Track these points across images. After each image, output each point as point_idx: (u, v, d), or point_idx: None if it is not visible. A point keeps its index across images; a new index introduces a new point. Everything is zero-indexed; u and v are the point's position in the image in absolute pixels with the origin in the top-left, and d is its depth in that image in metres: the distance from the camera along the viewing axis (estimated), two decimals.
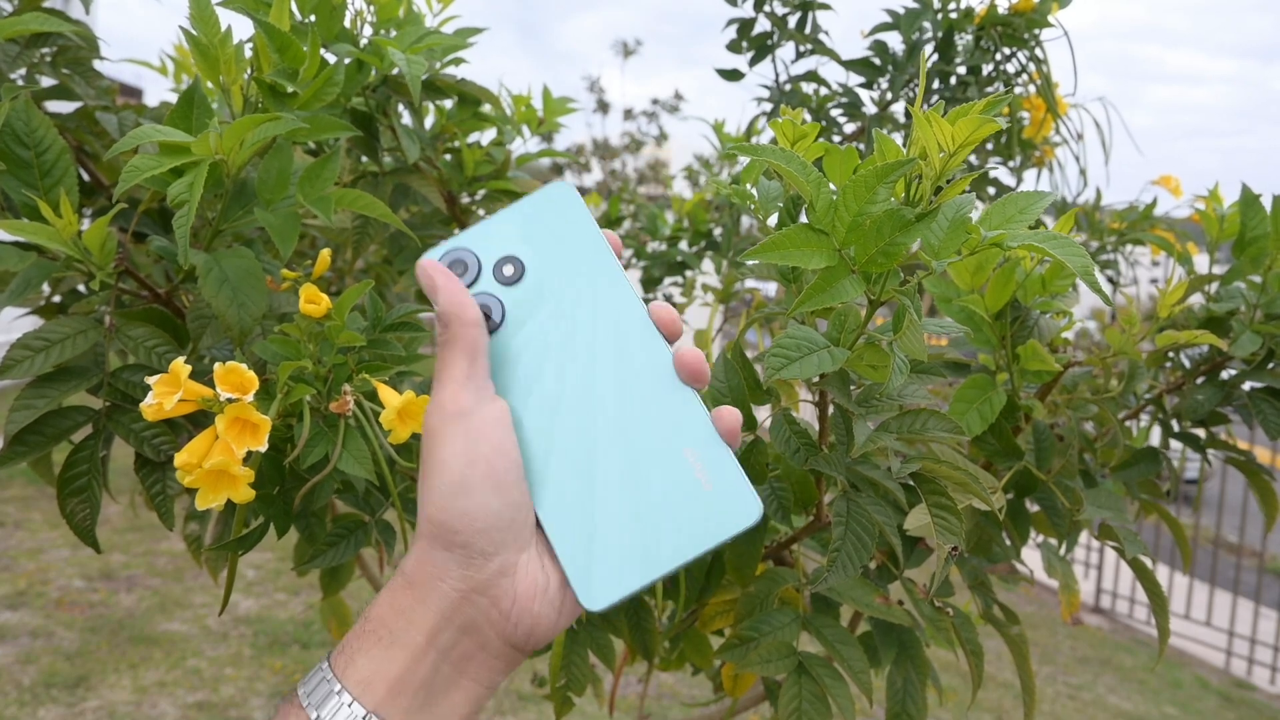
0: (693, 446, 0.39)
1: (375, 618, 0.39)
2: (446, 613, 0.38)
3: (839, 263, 0.45)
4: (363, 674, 0.38)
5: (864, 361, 0.52)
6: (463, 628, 0.38)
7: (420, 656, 0.38)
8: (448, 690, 0.39)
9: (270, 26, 0.63)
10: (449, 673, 0.39)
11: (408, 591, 0.39)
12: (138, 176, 0.55)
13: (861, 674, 0.70)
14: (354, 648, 0.39)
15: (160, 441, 0.64)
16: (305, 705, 0.38)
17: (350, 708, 0.37)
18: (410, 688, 0.38)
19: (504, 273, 0.42)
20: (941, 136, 0.41)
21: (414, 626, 0.38)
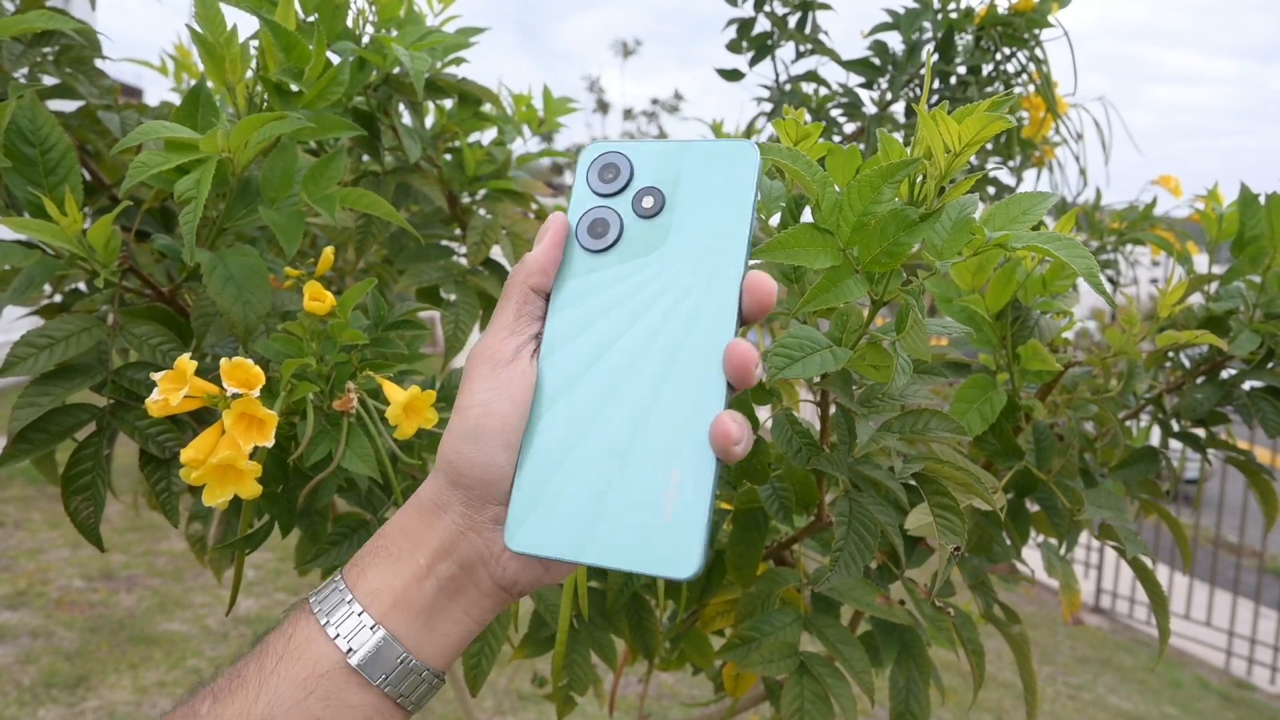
0: (681, 469, 0.37)
1: (387, 535, 0.41)
2: (447, 542, 0.40)
3: (843, 262, 0.45)
4: (372, 585, 0.40)
5: (866, 361, 0.52)
6: (459, 561, 0.40)
7: (422, 577, 0.40)
8: (443, 615, 0.40)
9: (277, 25, 0.64)
10: (444, 601, 0.40)
11: (418, 516, 0.41)
12: (144, 173, 0.55)
13: (863, 674, 0.70)
14: (366, 562, 0.41)
15: (165, 438, 0.64)
16: (315, 612, 0.39)
17: (360, 616, 0.39)
18: (412, 606, 0.40)
19: (642, 202, 0.40)
20: (948, 135, 0.41)
21: (418, 549, 0.40)
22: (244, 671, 0.39)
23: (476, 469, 0.39)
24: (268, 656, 0.39)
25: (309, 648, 0.39)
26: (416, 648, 0.40)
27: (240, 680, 0.39)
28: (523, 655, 0.80)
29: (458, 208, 1.00)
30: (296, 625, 0.40)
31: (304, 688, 0.38)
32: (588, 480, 0.38)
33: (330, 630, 0.39)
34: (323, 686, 0.38)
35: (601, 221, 0.40)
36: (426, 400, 0.63)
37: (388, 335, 0.67)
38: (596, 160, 0.42)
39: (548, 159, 1.16)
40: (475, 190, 1.00)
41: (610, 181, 0.41)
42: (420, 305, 0.73)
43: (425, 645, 0.40)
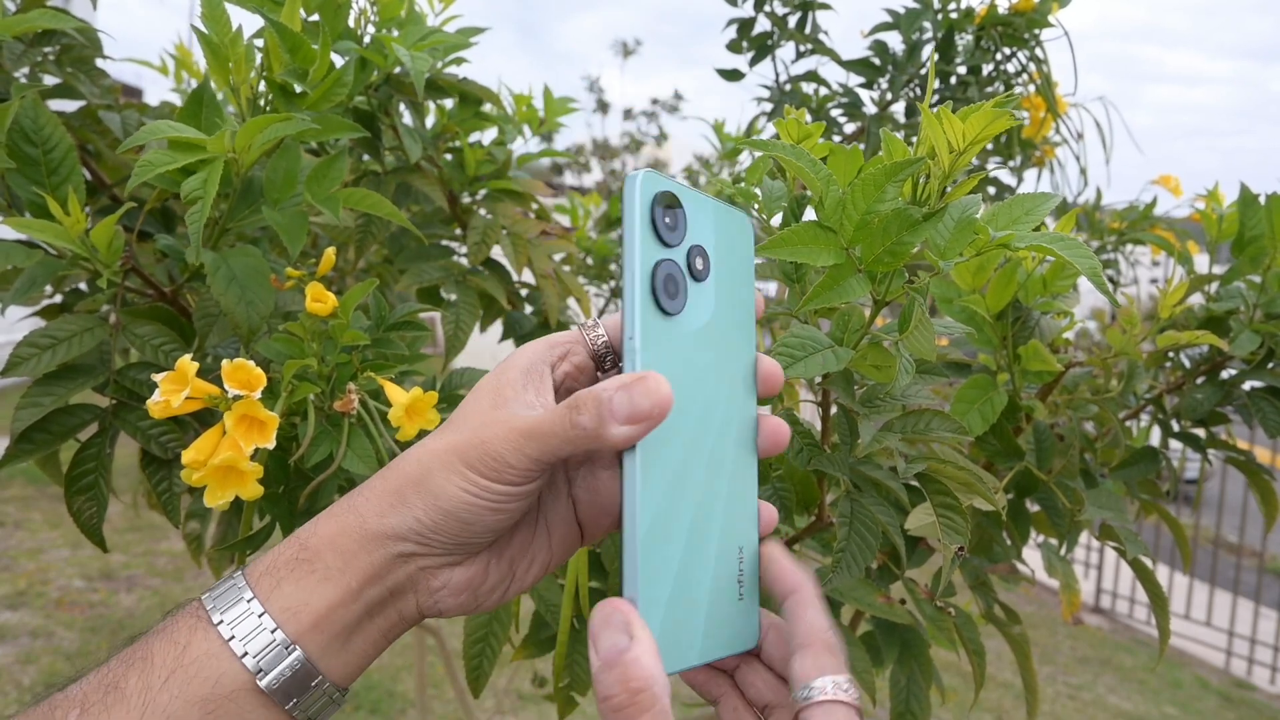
0: (744, 546, 0.37)
1: (312, 549, 0.37)
2: (383, 569, 0.37)
3: (845, 261, 0.45)
4: (288, 601, 0.36)
5: (868, 362, 0.52)
6: (392, 586, 0.38)
7: (349, 600, 0.37)
8: (360, 636, 0.38)
9: (282, 26, 0.64)
10: (365, 622, 0.38)
11: (358, 540, 0.37)
12: (150, 172, 0.55)
13: (865, 673, 0.70)
14: (281, 573, 0.37)
15: (167, 439, 0.64)
16: (218, 623, 0.36)
17: (273, 634, 0.36)
18: (333, 626, 0.37)
19: (695, 262, 0.36)
20: (951, 135, 0.41)
21: (350, 570, 0.37)
22: (122, 683, 0.35)
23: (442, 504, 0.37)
24: (154, 669, 0.35)
25: (209, 664, 0.35)
26: (329, 668, 0.37)
27: (118, 694, 0.35)
28: (524, 656, 0.80)
29: (458, 207, 1.00)
30: (193, 636, 0.36)
31: (201, 707, 0.35)
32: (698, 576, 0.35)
33: (236, 646, 0.35)
34: (224, 708, 0.35)
35: (673, 279, 0.35)
36: (428, 402, 0.63)
37: (389, 336, 0.67)
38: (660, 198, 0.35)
39: (548, 159, 1.16)
40: (476, 190, 1.00)
41: (673, 231, 0.35)
42: (421, 306, 0.73)
43: (338, 665, 0.37)
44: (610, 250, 1.61)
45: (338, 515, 0.38)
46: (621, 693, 0.30)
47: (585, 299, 1.03)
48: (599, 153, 11.01)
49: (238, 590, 0.37)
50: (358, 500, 0.38)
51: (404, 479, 0.37)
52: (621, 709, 0.30)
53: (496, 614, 0.76)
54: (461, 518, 0.37)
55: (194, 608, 0.37)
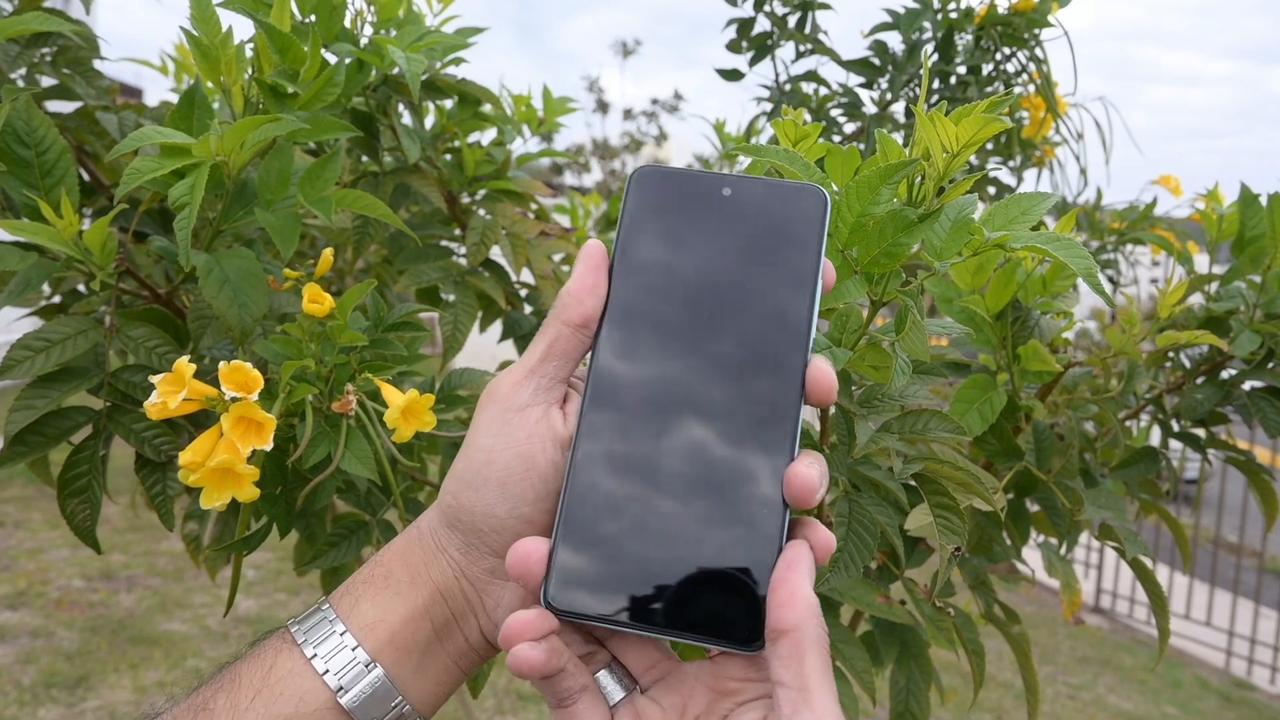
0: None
1: (384, 564, 0.38)
2: (444, 585, 0.38)
3: (842, 264, 0.45)
4: (367, 618, 0.37)
5: (866, 362, 0.52)
6: (454, 608, 0.38)
7: (419, 617, 0.37)
8: (434, 660, 0.38)
9: (271, 27, 0.63)
10: (436, 645, 0.38)
11: (419, 550, 0.38)
12: (139, 179, 0.55)
13: (864, 673, 0.70)
14: (359, 591, 0.38)
15: (161, 441, 0.64)
16: (301, 643, 0.36)
17: (354, 651, 0.36)
18: (407, 644, 0.37)
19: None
20: (945, 136, 0.41)
21: (418, 584, 0.37)
22: (211, 704, 0.35)
23: (474, 518, 0.37)
24: (241, 690, 0.35)
25: (292, 682, 0.35)
26: (408, 690, 0.37)
27: (207, 714, 0.35)
28: None
29: (457, 208, 1.00)
30: (277, 656, 0.36)
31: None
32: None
33: (318, 664, 0.36)
34: None
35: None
36: (425, 404, 0.63)
37: (387, 337, 0.67)
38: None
39: (547, 159, 1.16)
40: (475, 190, 1.00)
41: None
42: (420, 307, 0.73)
43: (416, 689, 0.37)
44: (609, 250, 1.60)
45: (405, 536, 0.39)
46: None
47: None
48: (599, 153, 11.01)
49: (321, 612, 0.38)
50: (419, 520, 0.39)
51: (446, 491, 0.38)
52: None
53: None
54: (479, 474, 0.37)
55: (281, 632, 0.38)
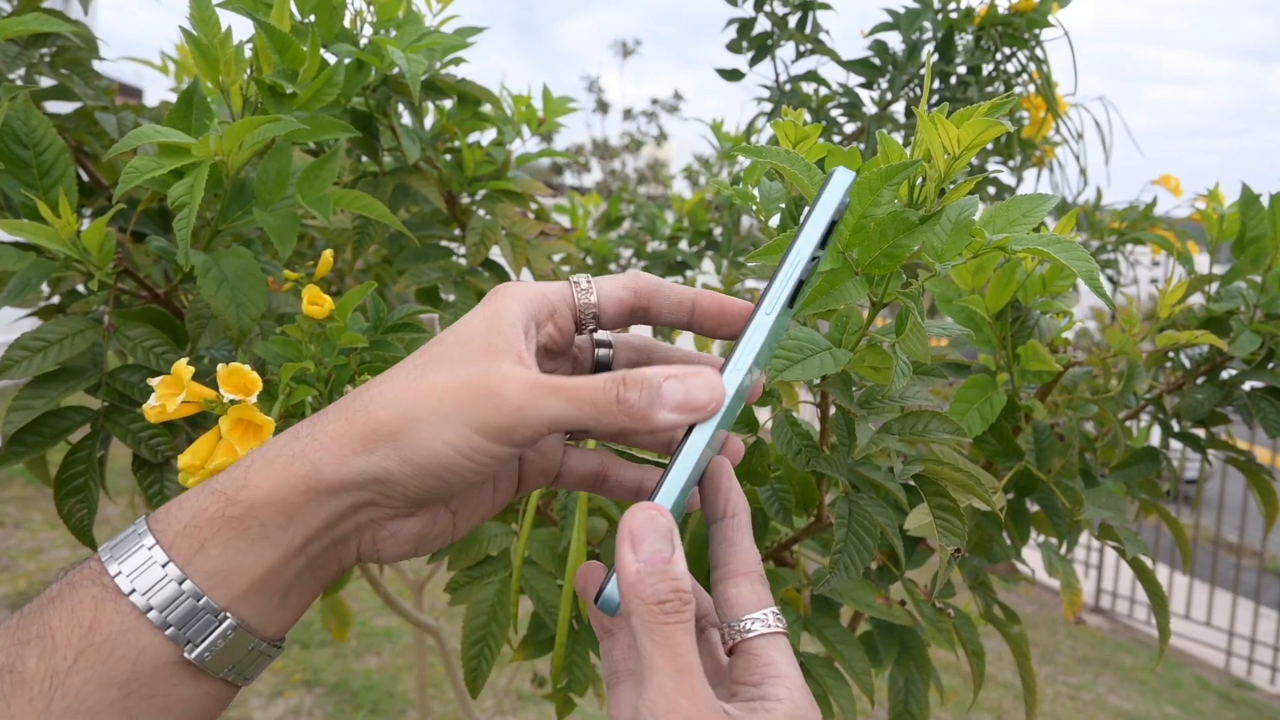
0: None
1: (245, 504, 0.32)
2: (333, 520, 0.34)
3: (843, 265, 0.45)
4: (217, 565, 0.32)
5: (866, 363, 0.52)
6: (337, 538, 0.35)
7: (291, 558, 0.33)
8: (298, 591, 0.35)
9: (270, 27, 0.63)
10: (306, 575, 0.35)
11: (305, 492, 0.33)
12: (138, 178, 0.55)
13: (863, 674, 0.70)
14: (204, 532, 0.32)
15: (158, 442, 0.63)
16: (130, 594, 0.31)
17: (199, 601, 0.32)
18: (270, 588, 0.33)
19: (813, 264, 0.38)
20: (946, 139, 0.41)
21: (294, 525, 0.33)
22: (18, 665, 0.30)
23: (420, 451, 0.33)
24: (57, 649, 0.30)
25: (125, 641, 0.31)
26: (263, 628, 0.34)
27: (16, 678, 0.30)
28: (522, 657, 0.80)
29: (457, 208, 1.00)
30: (100, 610, 0.31)
31: (122, 688, 0.31)
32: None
33: (155, 617, 0.31)
34: (147, 685, 0.31)
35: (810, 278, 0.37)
36: None
37: (387, 338, 0.67)
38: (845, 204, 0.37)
39: (547, 159, 1.16)
40: (474, 190, 1.00)
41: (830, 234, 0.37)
42: (420, 308, 0.73)
43: (272, 623, 0.34)
44: (609, 250, 1.61)
45: (279, 463, 0.33)
46: (673, 597, 0.32)
47: None
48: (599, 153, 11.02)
49: (148, 553, 0.32)
50: (308, 446, 0.33)
51: (376, 425, 0.33)
52: (673, 612, 0.31)
53: (495, 615, 0.75)
54: (440, 476, 0.33)
55: (93, 572, 0.32)
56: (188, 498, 0.33)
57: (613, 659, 0.37)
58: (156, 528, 0.33)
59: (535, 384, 0.33)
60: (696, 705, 0.30)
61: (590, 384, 0.34)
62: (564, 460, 0.41)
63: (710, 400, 0.34)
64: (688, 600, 0.32)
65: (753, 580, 0.35)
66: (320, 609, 1.30)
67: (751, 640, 0.34)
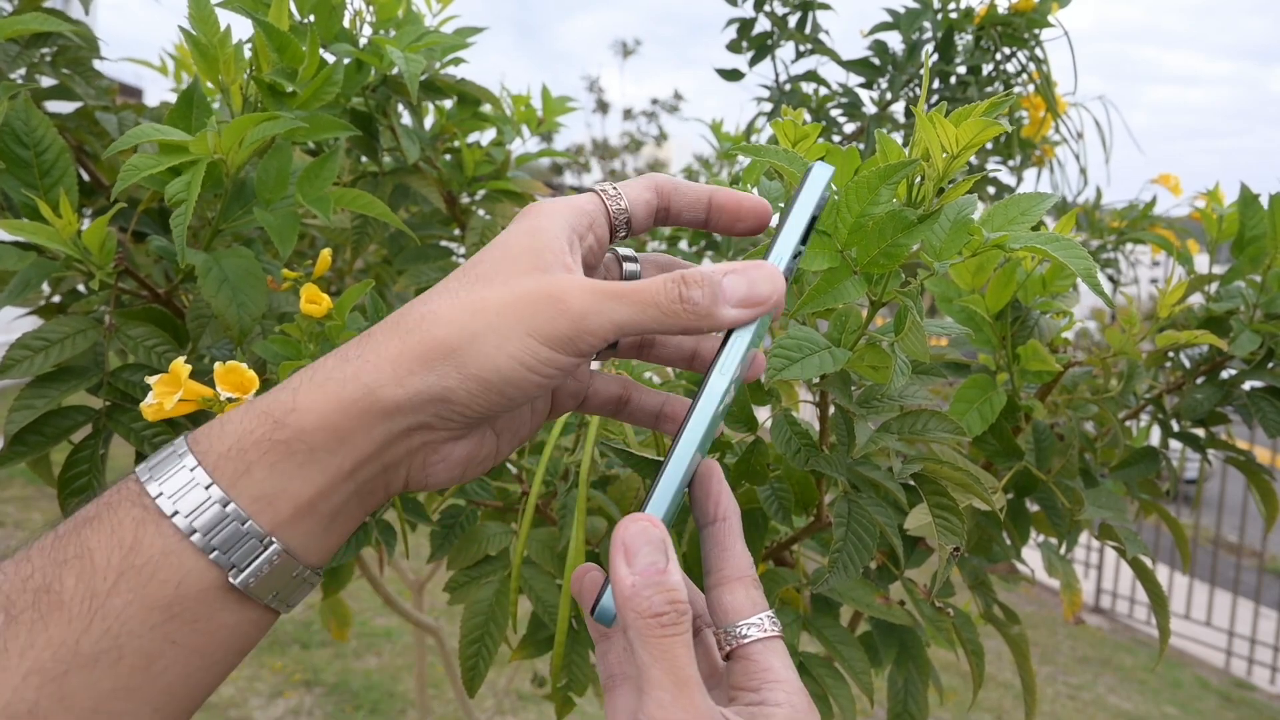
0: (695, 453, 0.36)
1: (294, 428, 0.31)
2: (384, 444, 0.32)
3: (841, 264, 0.45)
4: (262, 488, 0.31)
5: (865, 362, 0.52)
6: (387, 464, 0.33)
7: (341, 481, 0.32)
8: (344, 518, 0.34)
9: (269, 26, 0.63)
10: (354, 505, 0.33)
11: (357, 414, 0.31)
12: (135, 176, 0.55)
13: (862, 674, 0.70)
14: (250, 455, 0.31)
15: (160, 440, 0.64)
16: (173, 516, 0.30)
17: (244, 525, 0.30)
18: (318, 514, 0.32)
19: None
20: (945, 138, 0.41)
21: (344, 449, 0.32)
22: (55, 585, 0.29)
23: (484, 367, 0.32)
24: (96, 571, 0.29)
25: (167, 564, 0.30)
26: (308, 554, 0.33)
27: (54, 599, 0.29)
28: (521, 656, 0.80)
29: (456, 208, 1.00)
30: (141, 531, 0.30)
31: (164, 611, 0.30)
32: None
33: (198, 540, 0.30)
34: (189, 610, 0.30)
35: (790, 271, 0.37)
36: None
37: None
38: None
39: (547, 159, 1.16)
40: (474, 190, 1.00)
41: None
42: None
43: (317, 550, 0.33)
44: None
45: (330, 385, 0.32)
46: (670, 609, 0.31)
47: None
48: (599, 153, 11.02)
49: (191, 474, 0.31)
50: (360, 367, 0.32)
51: (433, 343, 0.32)
52: (670, 624, 0.31)
53: (493, 614, 0.75)
54: (504, 391, 0.32)
55: (132, 493, 0.31)
56: (230, 419, 0.32)
57: (609, 662, 0.37)
58: (198, 449, 0.31)
59: (596, 290, 0.32)
60: (695, 718, 0.30)
61: (651, 286, 0.33)
62: (590, 383, 0.41)
63: (772, 292, 0.34)
64: (684, 611, 0.32)
65: (746, 585, 0.35)
66: (320, 609, 1.30)
67: (748, 646, 0.34)
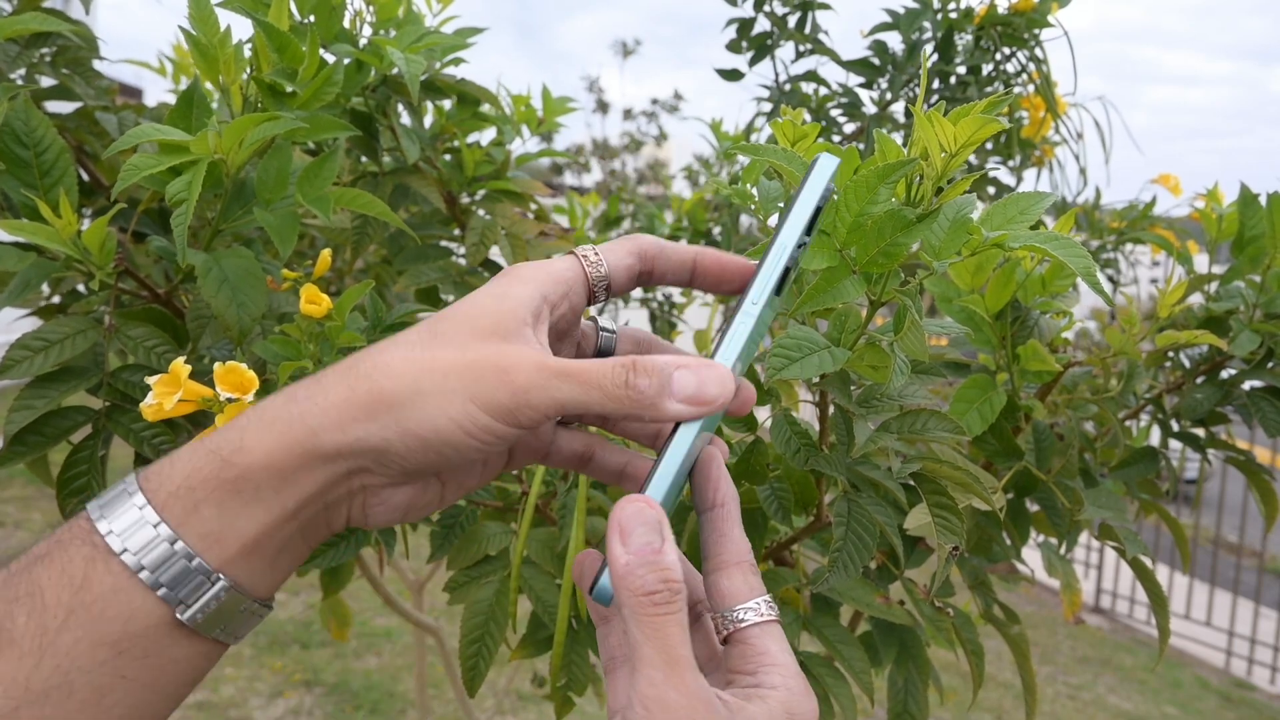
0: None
1: (241, 467, 0.32)
2: (326, 485, 0.33)
3: (840, 263, 0.45)
4: (210, 526, 0.32)
5: (865, 362, 0.52)
6: (329, 504, 0.34)
7: (283, 523, 0.33)
8: (289, 554, 0.35)
9: (269, 26, 0.63)
10: (298, 541, 0.35)
11: (302, 456, 0.33)
12: (136, 175, 0.55)
13: (863, 674, 0.70)
14: (198, 494, 0.32)
15: (160, 441, 0.64)
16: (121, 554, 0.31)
17: (192, 562, 0.31)
18: (262, 550, 0.33)
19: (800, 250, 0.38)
20: (943, 137, 0.41)
21: (287, 488, 0.33)
22: (8, 623, 0.30)
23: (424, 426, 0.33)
24: (48, 608, 0.30)
25: (116, 601, 0.31)
26: (255, 589, 0.34)
27: (5, 636, 0.30)
28: (521, 656, 0.80)
29: (456, 208, 1.00)
30: (91, 569, 0.31)
31: (113, 648, 0.31)
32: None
33: (146, 577, 0.31)
34: (138, 645, 0.31)
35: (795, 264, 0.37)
36: None
37: (385, 337, 0.67)
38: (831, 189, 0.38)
39: (547, 159, 1.16)
40: (474, 191, 1.00)
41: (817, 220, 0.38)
42: (419, 307, 0.73)
43: (263, 584, 0.34)
44: None
45: (277, 425, 0.33)
46: (663, 588, 0.32)
47: None
48: (599, 153, 11.03)
49: (140, 512, 0.32)
50: (307, 408, 0.33)
51: (378, 395, 0.33)
52: (663, 603, 0.31)
53: (493, 614, 0.75)
54: (441, 451, 0.33)
55: (82, 530, 0.32)
56: (180, 457, 0.33)
57: (609, 645, 0.38)
58: (148, 487, 0.32)
59: (544, 366, 0.33)
60: (685, 697, 0.30)
61: (599, 368, 0.33)
62: (553, 439, 0.41)
63: (720, 395, 0.34)
64: (678, 590, 0.32)
65: (744, 570, 0.35)
66: (320, 609, 1.30)
67: (745, 630, 0.34)
